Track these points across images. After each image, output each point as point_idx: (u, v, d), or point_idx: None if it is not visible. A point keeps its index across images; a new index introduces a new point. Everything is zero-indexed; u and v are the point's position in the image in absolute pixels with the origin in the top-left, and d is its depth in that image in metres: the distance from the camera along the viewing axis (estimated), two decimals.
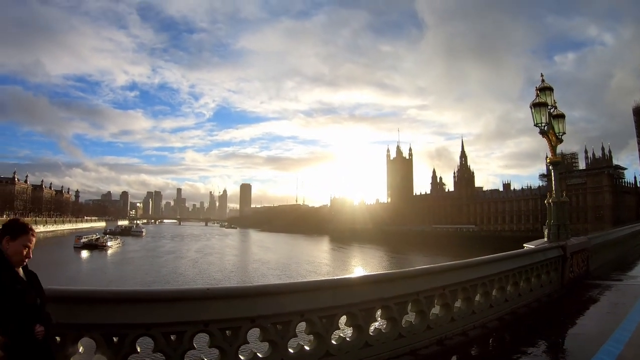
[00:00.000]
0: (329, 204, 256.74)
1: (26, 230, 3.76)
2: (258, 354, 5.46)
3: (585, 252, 15.41)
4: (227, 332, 5.15)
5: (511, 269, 10.03)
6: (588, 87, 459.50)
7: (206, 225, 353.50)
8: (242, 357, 5.28)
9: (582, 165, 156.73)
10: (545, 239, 14.30)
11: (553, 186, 15.35)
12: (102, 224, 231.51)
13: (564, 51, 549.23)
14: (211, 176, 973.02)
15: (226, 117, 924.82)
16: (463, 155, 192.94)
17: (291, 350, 5.65)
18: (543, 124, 14.39)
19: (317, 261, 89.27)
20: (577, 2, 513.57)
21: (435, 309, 7.83)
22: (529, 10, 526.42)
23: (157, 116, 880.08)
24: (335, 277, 6.97)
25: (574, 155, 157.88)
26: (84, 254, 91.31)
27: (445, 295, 7.90)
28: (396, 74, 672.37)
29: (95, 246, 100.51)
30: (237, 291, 5.67)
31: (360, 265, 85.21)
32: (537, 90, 14.91)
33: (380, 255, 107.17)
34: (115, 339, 4.67)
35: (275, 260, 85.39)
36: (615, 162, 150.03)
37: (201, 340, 5.15)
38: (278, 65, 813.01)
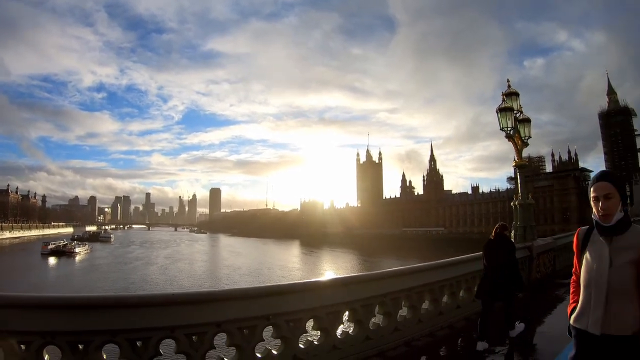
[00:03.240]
0: (299, 208, 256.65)
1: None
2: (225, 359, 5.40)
3: (551, 252, 15.76)
4: (193, 337, 5.08)
5: (477, 270, 10.13)
6: (556, 91, 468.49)
7: (175, 230, 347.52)
8: None
9: (549, 168, 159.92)
10: (512, 240, 14.49)
11: (519, 189, 15.63)
12: (70, 229, 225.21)
13: (533, 56, 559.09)
14: (179, 180, 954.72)
15: (195, 120, 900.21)
16: (432, 159, 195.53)
17: (258, 355, 5.59)
18: (509, 128, 14.70)
19: (289, 266, 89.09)
20: (546, 8, 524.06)
21: (403, 311, 7.90)
22: (500, 15, 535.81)
23: (124, 118, 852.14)
24: (301, 281, 6.93)
25: (541, 159, 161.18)
26: (52, 260, 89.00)
27: (412, 297, 7.99)
28: (366, 77, 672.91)
29: (63, 252, 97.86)
30: (203, 296, 5.61)
31: (331, 269, 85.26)
32: (503, 95, 15.24)
33: (351, 258, 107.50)
34: (80, 347, 4.57)
35: (247, 266, 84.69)
36: (582, 164, 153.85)
37: (168, 346, 5.07)
38: (247, 68, 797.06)
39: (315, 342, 6.26)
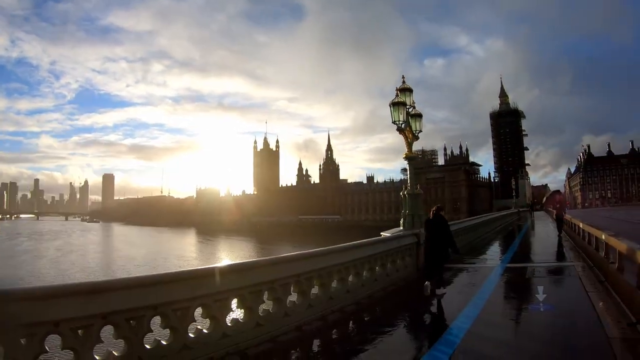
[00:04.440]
0: (195, 195, 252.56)
1: None
2: (114, 352, 5.26)
3: None
4: (78, 331, 4.88)
5: (366, 256, 10.62)
6: (454, 91, 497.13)
7: (66, 219, 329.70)
8: (97, 358, 5.04)
9: (441, 161, 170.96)
10: (401, 228, 15.20)
11: (409, 179, 16.35)
12: None
13: (434, 56, 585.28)
14: (70, 165, 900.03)
15: (88, 99, 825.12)
16: (329, 149, 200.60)
17: (147, 346, 5.51)
18: (401, 122, 15.47)
19: (186, 255, 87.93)
20: (451, 13, 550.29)
21: (293, 297, 8.09)
22: (407, 14, 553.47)
23: (12, 95, 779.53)
24: (187, 269, 6.86)
25: (434, 152, 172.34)
26: None
27: (301, 283, 8.27)
28: (269, 64, 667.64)
29: None
30: (87, 287, 5.34)
31: (228, 257, 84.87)
32: (397, 90, 15.90)
33: (247, 246, 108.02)
34: None
35: (142, 256, 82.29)
36: (472, 159, 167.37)
37: (54, 342, 4.84)
38: (147, 47, 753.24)
39: (205, 331, 6.29)
